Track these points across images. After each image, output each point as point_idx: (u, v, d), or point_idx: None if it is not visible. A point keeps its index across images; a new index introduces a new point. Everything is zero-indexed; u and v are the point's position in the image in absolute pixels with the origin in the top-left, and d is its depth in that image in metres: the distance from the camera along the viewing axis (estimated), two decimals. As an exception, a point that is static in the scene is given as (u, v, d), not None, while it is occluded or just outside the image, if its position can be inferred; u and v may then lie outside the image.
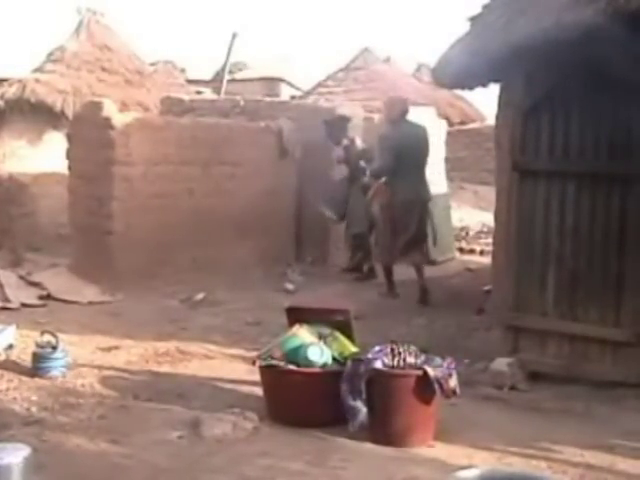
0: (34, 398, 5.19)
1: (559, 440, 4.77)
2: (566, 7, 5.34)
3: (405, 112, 8.80)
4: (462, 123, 20.49)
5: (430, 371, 4.63)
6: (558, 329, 5.91)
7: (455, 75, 6.91)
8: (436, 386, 4.62)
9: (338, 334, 5.13)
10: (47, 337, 5.83)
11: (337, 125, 10.09)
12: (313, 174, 10.28)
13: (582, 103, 5.80)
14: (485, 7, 6.69)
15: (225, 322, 7.58)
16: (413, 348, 4.84)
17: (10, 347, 6.03)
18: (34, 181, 11.47)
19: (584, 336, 5.82)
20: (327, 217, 10.02)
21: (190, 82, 18.93)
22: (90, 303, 7.99)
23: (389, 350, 4.79)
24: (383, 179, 8.76)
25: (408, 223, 8.64)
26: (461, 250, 12.21)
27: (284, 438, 4.69)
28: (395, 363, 4.73)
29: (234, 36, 16.65)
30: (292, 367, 4.89)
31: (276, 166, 10.27)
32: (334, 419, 4.77)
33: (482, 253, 11.68)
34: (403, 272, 9.62)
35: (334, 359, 4.98)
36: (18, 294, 7.94)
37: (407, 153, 8.46)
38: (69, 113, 13.63)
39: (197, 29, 59.08)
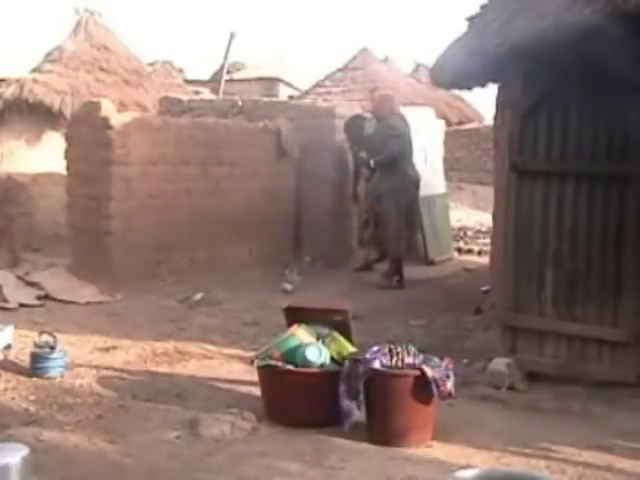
0: (32, 398, 5.18)
1: (557, 440, 4.77)
2: (564, 7, 5.34)
3: (393, 107, 9.79)
4: (460, 123, 20.49)
5: (428, 371, 4.64)
6: (556, 329, 5.92)
7: (453, 75, 6.91)
8: (433, 387, 4.62)
9: (336, 334, 5.13)
10: (45, 337, 5.83)
11: (353, 124, 10.08)
12: (311, 174, 10.27)
13: (580, 103, 5.80)
14: (483, 7, 6.69)
15: (223, 322, 7.57)
16: (411, 348, 4.84)
17: (8, 347, 6.02)
18: (32, 181, 11.45)
19: (582, 336, 5.82)
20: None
21: (188, 82, 18.96)
22: (88, 303, 7.97)
23: (387, 350, 4.79)
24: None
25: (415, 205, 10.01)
26: (459, 250, 12.22)
27: (282, 438, 4.69)
28: (393, 363, 4.73)
29: (232, 36, 16.67)
30: (290, 367, 4.88)
31: (274, 166, 10.27)
32: (332, 419, 4.77)
33: (480, 253, 11.70)
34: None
35: (332, 359, 4.97)
36: (16, 294, 7.92)
37: (407, 142, 9.59)
38: (67, 113, 13.65)
39: (195, 29, 59.20)
